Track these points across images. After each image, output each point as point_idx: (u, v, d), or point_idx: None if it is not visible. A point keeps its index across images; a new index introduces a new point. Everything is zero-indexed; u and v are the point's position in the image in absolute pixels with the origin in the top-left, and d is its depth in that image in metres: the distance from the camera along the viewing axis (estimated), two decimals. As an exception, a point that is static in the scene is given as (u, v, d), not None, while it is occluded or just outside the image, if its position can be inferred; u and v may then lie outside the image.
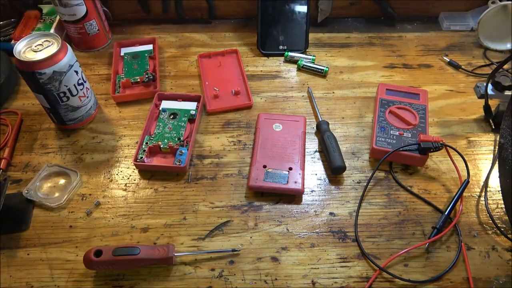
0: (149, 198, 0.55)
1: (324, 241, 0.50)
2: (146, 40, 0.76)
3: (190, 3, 0.80)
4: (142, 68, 0.70)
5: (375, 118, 0.60)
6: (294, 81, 0.71)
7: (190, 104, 0.64)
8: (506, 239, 0.50)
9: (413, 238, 0.50)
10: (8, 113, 0.65)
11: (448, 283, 0.47)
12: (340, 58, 0.74)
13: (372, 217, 0.53)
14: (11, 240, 0.51)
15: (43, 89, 0.56)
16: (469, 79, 0.70)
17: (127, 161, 0.59)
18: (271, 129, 0.60)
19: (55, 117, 0.61)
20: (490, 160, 0.58)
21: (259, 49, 0.75)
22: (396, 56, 0.74)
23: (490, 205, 0.53)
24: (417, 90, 0.64)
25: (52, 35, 0.56)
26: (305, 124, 0.62)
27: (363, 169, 0.58)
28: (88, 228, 0.52)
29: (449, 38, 0.78)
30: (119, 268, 0.47)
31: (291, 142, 0.59)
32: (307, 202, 0.54)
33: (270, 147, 0.58)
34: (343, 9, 0.81)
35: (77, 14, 0.70)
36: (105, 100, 0.67)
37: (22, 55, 0.54)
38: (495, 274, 0.47)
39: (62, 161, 0.59)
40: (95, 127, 0.63)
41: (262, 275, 0.47)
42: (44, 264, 0.49)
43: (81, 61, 0.61)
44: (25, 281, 0.47)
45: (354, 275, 0.47)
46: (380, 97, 0.63)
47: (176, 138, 0.59)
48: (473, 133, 0.62)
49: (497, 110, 0.61)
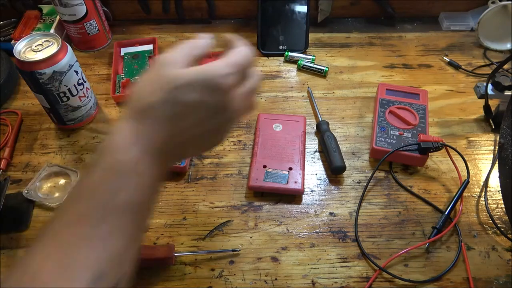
0: (149, 198, 0.55)
1: (324, 241, 0.50)
2: (146, 40, 0.76)
3: (190, 3, 0.80)
4: (142, 68, 0.70)
5: (375, 118, 0.60)
6: (294, 81, 0.71)
7: (190, 104, 0.64)
8: (506, 239, 0.50)
9: (413, 238, 0.50)
10: (8, 113, 0.65)
11: (448, 283, 0.47)
12: (340, 58, 0.74)
13: (372, 217, 0.53)
14: (11, 240, 0.51)
15: (43, 89, 0.56)
16: (469, 79, 0.70)
17: (127, 161, 0.59)
18: (271, 129, 0.60)
19: (55, 117, 0.61)
20: (490, 160, 0.58)
21: (259, 49, 0.75)
22: (396, 56, 0.74)
23: (490, 205, 0.53)
24: (417, 90, 0.64)
25: (52, 35, 0.56)
26: (305, 124, 0.62)
27: (363, 169, 0.58)
28: (88, 228, 0.52)
29: (449, 38, 0.78)
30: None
31: (291, 142, 0.59)
32: (307, 202, 0.54)
33: (270, 147, 0.58)
34: (343, 9, 0.81)
35: (77, 14, 0.70)
36: (105, 100, 0.67)
37: (22, 55, 0.54)
38: (495, 274, 0.47)
39: (62, 161, 0.59)
40: (95, 127, 0.63)
41: (262, 275, 0.47)
42: (44, 264, 0.49)
43: (81, 61, 0.61)
44: (25, 281, 0.47)
45: (354, 275, 0.47)
46: (380, 97, 0.63)
47: (176, 138, 0.59)
48: (473, 133, 0.62)
49: (497, 110, 0.61)
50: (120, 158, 0.31)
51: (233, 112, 0.34)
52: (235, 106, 0.34)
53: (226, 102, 0.33)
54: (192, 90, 0.32)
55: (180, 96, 0.32)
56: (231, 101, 0.34)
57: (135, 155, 0.31)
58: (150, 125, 0.32)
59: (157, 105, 0.32)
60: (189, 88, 0.32)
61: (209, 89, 0.32)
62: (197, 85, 0.32)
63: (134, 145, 0.32)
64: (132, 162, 0.31)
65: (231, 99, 0.34)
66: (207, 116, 0.33)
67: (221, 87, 0.32)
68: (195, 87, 0.32)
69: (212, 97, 0.32)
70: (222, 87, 0.32)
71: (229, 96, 0.33)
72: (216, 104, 0.33)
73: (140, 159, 0.32)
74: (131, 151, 0.31)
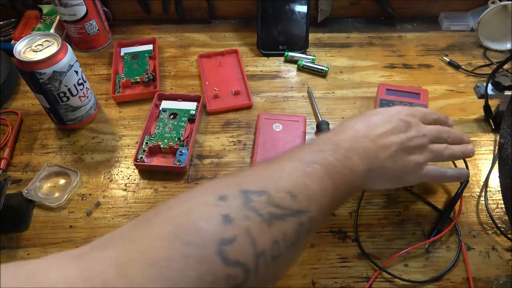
0: (149, 198, 0.55)
1: (324, 241, 0.50)
2: (146, 40, 0.76)
3: (190, 3, 0.80)
4: (142, 68, 0.70)
5: None
6: (294, 81, 0.71)
7: (190, 104, 0.64)
8: (506, 239, 0.50)
9: (413, 238, 0.50)
10: (8, 113, 0.65)
11: (448, 283, 0.47)
12: (340, 58, 0.74)
13: (372, 217, 0.53)
14: (11, 240, 0.51)
15: (43, 89, 0.56)
16: (469, 79, 0.70)
17: (127, 161, 0.59)
18: (271, 129, 0.60)
19: (55, 117, 0.61)
20: (490, 160, 0.58)
21: (259, 49, 0.75)
22: (396, 56, 0.74)
23: (490, 205, 0.53)
24: (418, 89, 0.64)
25: (52, 35, 0.56)
26: (305, 124, 0.62)
27: (363, 169, 0.58)
28: (88, 228, 0.52)
29: (449, 38, 0.78)
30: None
31: (291, 142, 0.59)
32: (307, 202, 0.54)
33: (270, 147, 0.58)
34: (343, 9, 0.81)
35: (77, 14, 0.70)
36: (105, 100, 0.67)
37: (22, 55, 0.54)
38: (495, 274, 0.47)
39: (62, 161, 0.59)
40: (95, 127, 0.63)
41: (262, 275, 0.47)
42: (44, 264, 0.49)
43: (81, 61, 0.61)
44: (25, 281, 0.47)
45: (354, 275, 0.47)
46: (380, 97, 0.63)
47: (176, 138, 0.59)
48: (473, 133, 0.62)
49: (497, 110, 0.61)
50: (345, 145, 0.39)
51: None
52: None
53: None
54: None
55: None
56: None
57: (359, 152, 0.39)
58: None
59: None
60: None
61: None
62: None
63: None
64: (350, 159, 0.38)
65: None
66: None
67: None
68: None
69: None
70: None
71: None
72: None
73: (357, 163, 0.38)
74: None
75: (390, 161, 0.41)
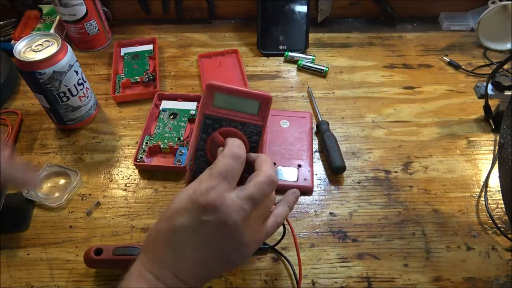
0: (149, 198, 0.55)
1: (324, 241, 0.50)
2: (146, 40, 0.76)
3: (190, 3, 0.80)
4: (142, 68, 0.70)
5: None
6: (294, 81, 0.71)
7: (190, 104, 0.64)
8: (506, 239, 0.50)
9: (413, 238, 0.50)
10: (8, 113, 0.65)
11: (448, 283, 0.47)
12: (340, 58, 0.74)
13: (372, 217, 0.53)
14: (11, 240, 0.51)
15: (43, 89, 0.56)
16: (469, 79, 0.70)
17: (127, 161, 0.59)
18: (278, 126, 0.61)
19: (55, 117, 0.61)
20: (490, 160, 0.58)
21: (259, 49, 0.75)
22: (396, 56, 0.74)
23: (490, 205, 0.53)
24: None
25: (52, 35, 0.56)
26: (311, 120, 0.62)
27: (363, 169, 0.58)
28: (88, 228, 0.52)
29: (449, 38, 0.78)
30: (119, 267, 0.47)
31: (299, 139, 0.59)
32: (307, 202, 0.54)
33: (279, 144, 0.58)
34: (343, 9, 0.81)
35: (77, 14, 0.70)
36: (105, 100, 0.67)
37: (22, 55, 0.54)
38: (495, 274, 0.47)
39: (62, 161, 0.59)
40: (95, 127, 0.63)
41: (262, 275, 0.47)
42: (44, 264, 0.49)
43: (81, 61, 0.61)
44: (25, 281, 0.47)
45: (354, 275, 0.47)
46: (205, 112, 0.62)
47: (176, 138, 0.59)
48: (473, 133, 0.62)
49: (497, 110, 0.61)
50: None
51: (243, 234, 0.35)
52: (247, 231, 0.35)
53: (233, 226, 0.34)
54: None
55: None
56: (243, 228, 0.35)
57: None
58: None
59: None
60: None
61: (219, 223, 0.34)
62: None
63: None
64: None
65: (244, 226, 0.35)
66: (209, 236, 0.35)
67: (234, 223, 0.34)
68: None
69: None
70: (235, 223, 0.34)
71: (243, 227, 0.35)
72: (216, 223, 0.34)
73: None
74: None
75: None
